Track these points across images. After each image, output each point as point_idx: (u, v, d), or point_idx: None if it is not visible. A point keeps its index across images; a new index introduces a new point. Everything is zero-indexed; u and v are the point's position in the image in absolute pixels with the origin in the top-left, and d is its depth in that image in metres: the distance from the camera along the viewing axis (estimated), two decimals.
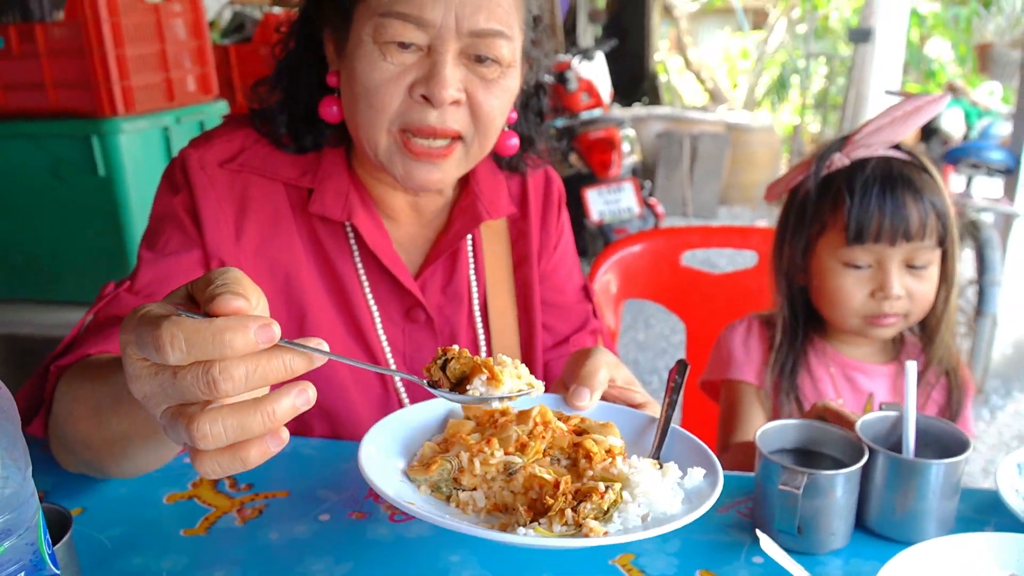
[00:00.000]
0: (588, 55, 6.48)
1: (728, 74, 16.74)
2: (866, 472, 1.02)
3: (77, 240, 2.58)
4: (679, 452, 0.96)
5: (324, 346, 0.69)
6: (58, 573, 0.71)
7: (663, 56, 15.73)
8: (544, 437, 0.93)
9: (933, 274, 1.47)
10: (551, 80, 1.47)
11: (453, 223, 1.38)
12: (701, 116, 10.25)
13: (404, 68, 1.15)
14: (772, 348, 1.58)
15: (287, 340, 0.67)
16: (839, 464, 1.03)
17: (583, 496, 0.83)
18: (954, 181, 5.31)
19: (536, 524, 0.82)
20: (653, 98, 14.01)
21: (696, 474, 0.90)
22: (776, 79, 13.92)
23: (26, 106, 2.49)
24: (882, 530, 1.04)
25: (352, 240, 1.32)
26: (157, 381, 0.67)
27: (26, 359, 2.47)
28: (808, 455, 1.08)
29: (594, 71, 6.52)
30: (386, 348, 1.34)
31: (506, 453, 0.90)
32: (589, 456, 0.91)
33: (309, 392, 0.68)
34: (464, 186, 1.40)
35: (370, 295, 1.33)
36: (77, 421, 0.98)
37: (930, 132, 7.14)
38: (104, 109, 2.42)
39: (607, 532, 0.80)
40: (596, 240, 6.00)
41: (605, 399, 1.09)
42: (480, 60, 1.17)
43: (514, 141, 1.35)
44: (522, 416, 0.96)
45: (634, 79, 13.75)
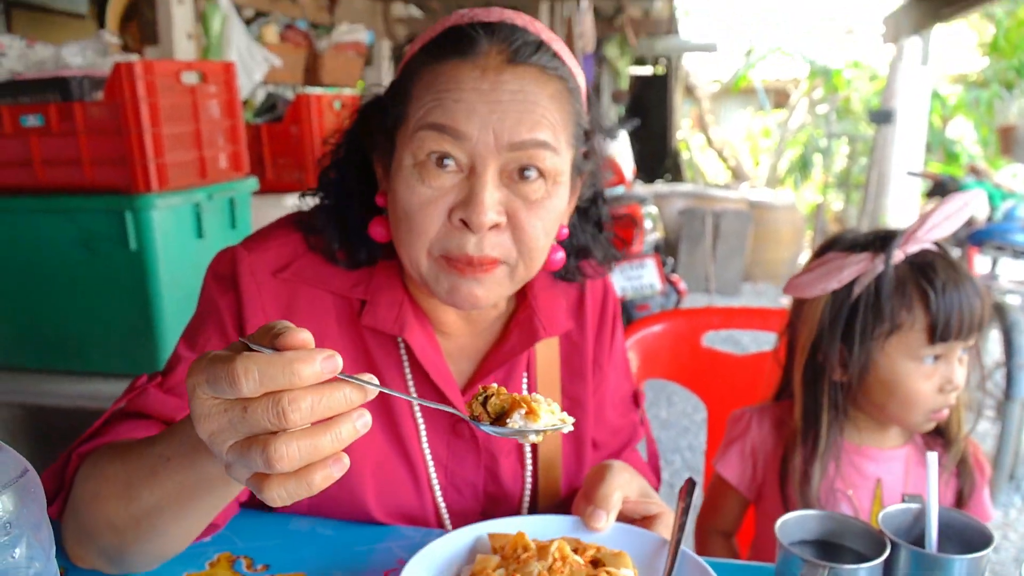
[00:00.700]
0: (611, 134, 6.57)
1: (750, 152, 16.92)
2: (888, 566, 1.00)
3: (106, 313, 2.61)
4: (687, 575, 1.05)
5: (375, 380, 0.74)
6: None
7: (685, 134, 15.94)
8: (563, 572, 1.01)
9: (966, 361, 1.50)
10: None
11: (508, 337, 1.34)
12: (724, 193, 10.32)
13: (443, 191, 1.12)
14: (781, 436, 1.58)
15: (344, 374, 0.73)
16: (861, 558, 1.02)
17: None
18: (979, 263, 5.29)
19: None
20: (675, 175, 14.16)
21: None
22: (798, 158, 14.04)
23: (62, 181, 2.55)
24: None
25: (403, 351, 1.30)
26: (227, 417, 0.72)
27: (51, 430, 2.50)
28: (829, 547, 1.07)
29: (617, 149, 6.60)
30: (429, 461, 1.31)
31: None
32: None
33: (366, 416, 0.74)
34: (521, 299, 1.37)
35: (417, 408, 1.31)
36: (105, 500, 0.98)
37: None
38: (139, 185, 2.47)
39: None
40: None
41: (623, 513, 1.18)
42: (524, 176, 1.13)
43: (559, 256, 1.31)
44: (542, 551, 1.05)
45: (657, 157, 13.93)
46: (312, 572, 1.15)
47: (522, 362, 1.37)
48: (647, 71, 14.73)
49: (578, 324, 1.44)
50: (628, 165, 6.79)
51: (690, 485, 1.20)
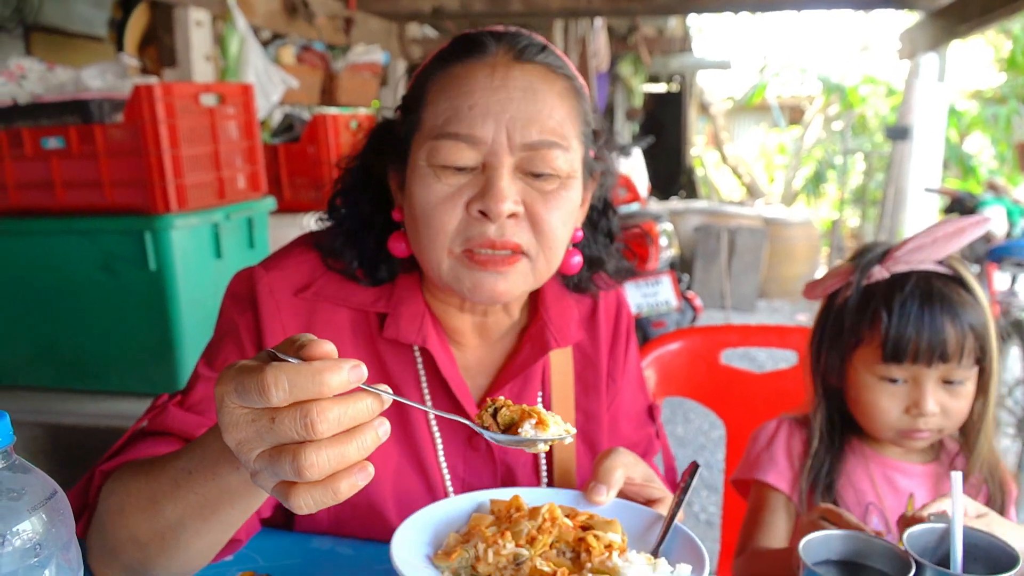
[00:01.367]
0: (625, 151, 6.57)
1: (765, 169, 16.90)
2: None
3: (125, 332, 2.63)
4: (677, 549, 1.08)
5: (389, 389, 0.77)
6: None
7: (700, 151, 15.95)
8: (551, 532, 1.05)
9: (969, 390, 1.45)
10: None
11: (521, 349, 1.35)
12: (739, 210, 10.31)
13: (459, 187, 1.16)
14: (807, 452, 1.56)
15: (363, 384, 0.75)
16: None
17: None
18: (998, 279, 5.25)
19: None
20: (690, 192, 14.16)
21: (684, 569, 1.01)
22: (813, 174, 14.02)
23: (83, 203, 2.58)
24: None
25: (420, 364, 1.31)
26: (254, 427, 0.74)
27: (71, 449, 2.50)
28: (853, 568, 1.06)
29: (631, 166, 6.61)
30: (446, 474, 1.32)
31: (517, 545, 1.03)
32: (589, 550, 1.02)
33: (386, 424, 0.76)
34: (533, 311, 1.39)
35: (434, 421, 1.32)
36: (129, 515, 0.99)
37: None
38: (158, 206, 2.50)
39: None
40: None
41: (625, 495, 1.20)
42: (536, 175, 1.17)
43: (577, 259, 1.33)
44: (533, 512, 1.09)
45: (671, 174, 13.94)
46: None
47: (536, 376, 1.38)
48: (661, 89, 14.77)
49: (591, 338, 1.45)
50: (643, 182, 6.79)
51: (694, 467, 1.23)
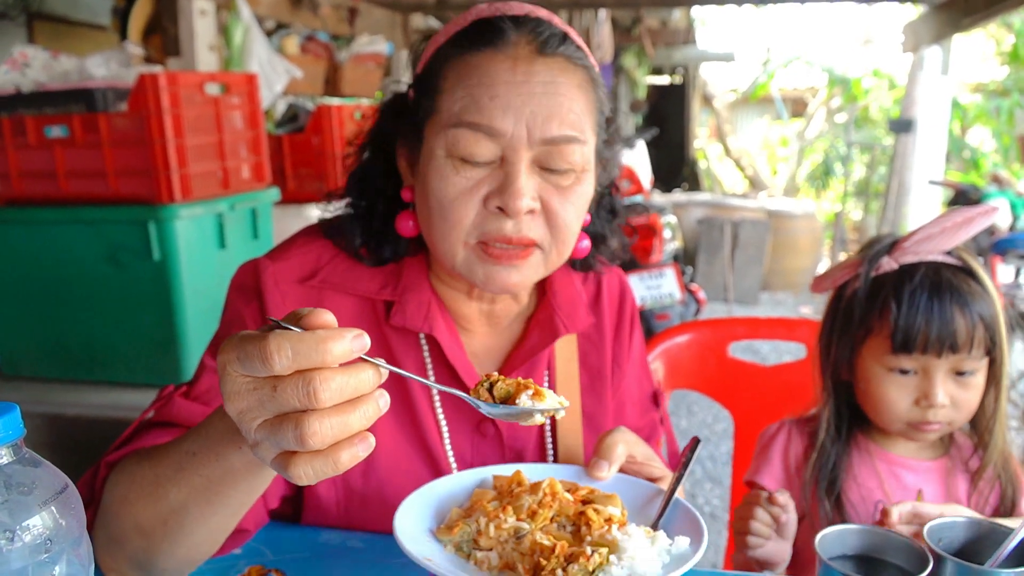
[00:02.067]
0: (629, 143, 6.56)
1: (768, 161, 16.87)
2: None
3: (129, 323, 2.62)
4: (676, 522, 1.08)
5: (385, 363, 0.76)
6: None
7: (703, 143, 15.92)
8: (551, 506, 1.06)
9: (979, 381, 1.44)
10: None
11: (530, 335, 1.35)
12: (742, 203, 10.30)
13: (477, 181, 1.15)
14: (808, 454, 1.56)
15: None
16: (903, 573, 1.00)
17: (573, 559, 0.96)
18: (1002, 272, 5.24)
19: None
20: (693, 185, 14.14)
21: (682, 541, 1.02)
22: (817, 167, 13.99)
23: (87, 193, 2.56)
24: None
25: (426, 352, 1.30)
26: (256, 396, 0.73)
27: (76, 440, 2.49)
28: (869, 562, 1.05)
29: (635, 158, 6.60)
30: (452, 462, 1.31)
31: (518, 519, 1.04)
32: (589, 524, 1.03)
33: (386, 396, 0.76)
34: (541, 296, 1.38)
35: (440, 408, 1.31)
36: (133, 502, 0.98)
37: None
38: (162, 196, 2.48)
39: None
40: None
41: (627, 473, 1.21)
42: (553, 171, 1.17)
43: (585, 244, 1.34)
44: (534, 487, 1.09)
45: (674, 166, 13.91)
46: None
47: (542, 361, 1.38)
48: (664, 81, 14.72)
49: (596, 323, 1.45)
50: (646, 174, 6.77)
51: (694, 442, 1.23)
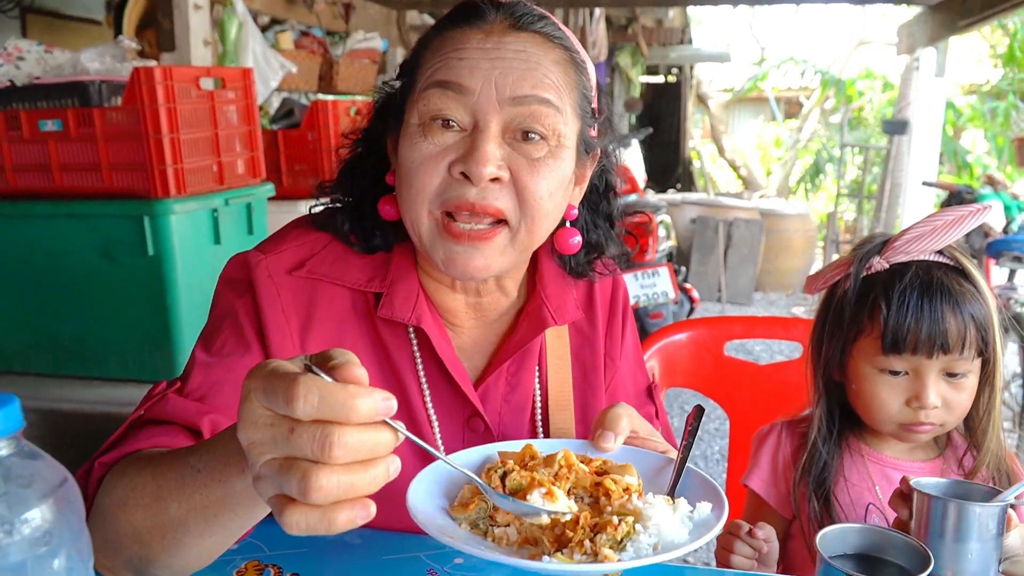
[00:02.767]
0: (624, 142, 6.56)
1: (761, 162, 16.89)
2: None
3: (123, 318, 2.60)
4: (692, 489, 1.07)
5: (403, 426, 0.74)
6: None
7: (697, 143, 15.93)
8: (568, 478, 1.05)
9: (971, 383, 1.44)
10: None
11: (518, 328, 1.34)
12: (735, 202, 10.32)
13: (445, 147, 1.14)
14: (799, 456, 1.56)
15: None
16: (903, 572, 0.99)
17: (600, 529, 0.95)
18: (996, 274, 5.26)
19: (559, 554, 0.93)
20: (687, 184, 14.15)
21: (704, 508, 1.01)
22: (810, 167, 14.01)
23: (81, 187, 2.55)
24: None
25: (415, 345, 1.29)
26: (271, 432, 0.72)
27: (69, 435, 2.48)
28: (870, 561, 1.05)
29: (629, 157, 6.60)
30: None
31: None
32: (608, 494, 1.02)
33: (397, 462, 0.74)
34: (531, 291, 1.37)
35: (430, 403, 1.30)
36: (132, 509, 0.97)
37: None
38: (157, 191, 2.47)
39: (620, 559, 0.91)
40: None
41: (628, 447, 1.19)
42: (526, 137, 1.14)
43: (576, 240, 1.31)
44: (548, 460, 1.07)
45: (668, 165, 13.93)
46: None
47: (533, 356, 1.37)
48: (659, 80, 14.72)
49: (588, 318, 1.44)
50: (640, 173, 6.78)
51: (698, 411, 1.23)
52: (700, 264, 9.21)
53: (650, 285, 5.91)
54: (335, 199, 1.33)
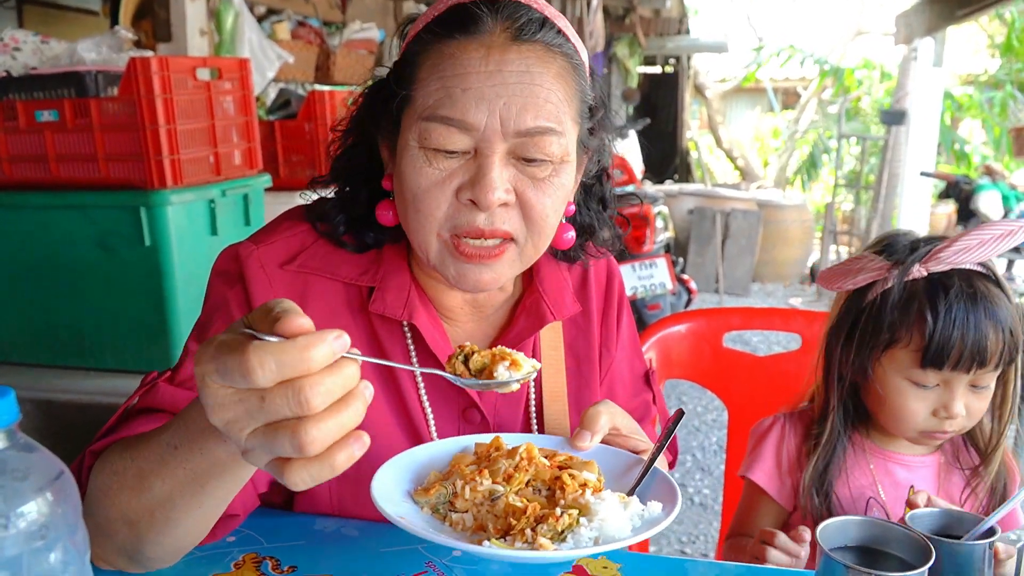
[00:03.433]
0: (621, 133, 6.56)
1: (759, 152, 16.88)
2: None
3: (119, 309, 2.60)
4: (653, 489, 1.09)
5: (358, 351, 0.75)
6: None
7: (694, 134, 15.91)
8: (527, 470, 1.08)
9: (991, 390, 1.43)
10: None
11: (516, 322, 1.34)
12: (733, 193, 10.31)
13: (450, 172, 1.13)
14: (802, 449, 1.55)
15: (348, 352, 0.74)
16: (903, 564, 0.99)
17: (543, 520, 0.99)
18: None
19: (496, 539, 0.98)
20: (684, 175, 14.13)
21: (655, 507, 1.04)
22: (807, 158, 14.00)
23: (77, 177, 2.54)
24: None
25: (409, 339, 1.29)
26: (243, 407, 0.71)
27: (65, 426, 2.48)
28: (871, 554, 1.04)
29: (627, 148, 6.59)
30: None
31: (494, 482, 1.05)
32: (563, 488, 1.05)
33: (370, 387, 0.75)
34: (527, 283, 1.37)
35: (425, 396, 1.30)
36: (117, 494, 0.97)
37: (968, 215, 7.11)
38: (153, 181, 2.46)
39: (557, 548, 0.96)
40: None
41: (611, 445, 1.21)
42: (529, 161, 1.14)
43: (570, 235, 1.31)
44: (511, 452, 1.11)
45: (666, 156, 13.90)
46: (338, 574, 1.13)
47: (528, 347, 1.36)
48: (657, 70, 14.69)
49: (583, 308, 1.43)
50: (638, 164, 6.77)
51: (679, 414, 1.25)
52: (697, 255, 9.21)
53: (647, 276, 5.91)
54: (331, 193, 1.33)
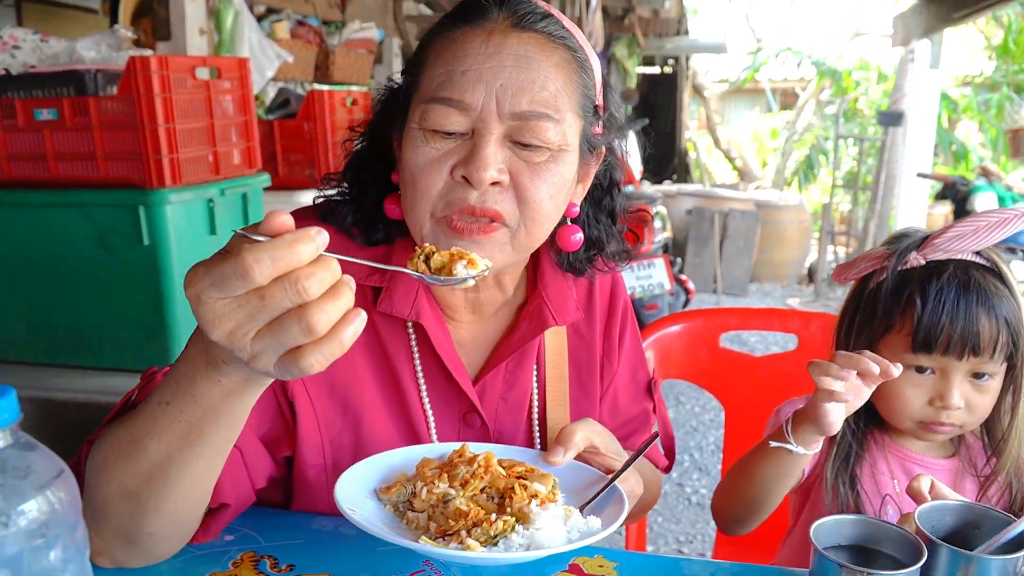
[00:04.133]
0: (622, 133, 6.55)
1: (757, 153, 16.89)
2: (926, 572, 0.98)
3: (118, 308, 2.60)
4: (605, 506, 1.15)
5: (324, 234, 0.78)
6: None
7: (693, 134, 15.92)
8: (483, 478, 1.14)
9: (995, 386, 1.43)
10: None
11: (519, 326, 1.34)
12: (731, 194, 10.32)
13: (447, 151, 1.15)
14: (833, 438, 1.55)
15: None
16: (897, 563, 1.00)
17: (479, 524, 1.05)
18: None
19: (426, 537, 1.05)
20: (682, 176, 14.14)
21: (594, 522, 1.09)
22: (805, 159, 14.01)
23: (76, 176, 2.54)
24: None
25: (413, 340, 1.30)
26: (244, 311, 0.76)
27: (63, 425, 2.48)
28: (864, 552, 1.05)
29: (628, 149, 6.59)
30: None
31: (451, 486, 1.12)
32: (512, 496, 1.10)
33: (354, 284, 0.81)
34: (531, 289, 1.37)
35: (427, 398, 1.31)
36: (113, 465, 0.99)
37: (965, 216, 7.12)
38: (152, 180, 2.46)
39: (486, 551, 1.02)
40: None
41: (588, 462, 1.25)
42: (526, 146, 1.15)
43: (578, 236, 1.31)
44: (471, 460, 1.17)
45: (664, 157, 13.91)
46: (337, 573, 1.14)
47: (531, 354, 1.37)
48: (655, 71, 14.70)
49: (587, 318, 1.44)
50: (636, 164, 6.77)
51: (652, 436, 1.30)
52: (696, 255, 9.21)
53: (646, 276, 5.91)
54: (339, 192, 1.33)
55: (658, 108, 13.91)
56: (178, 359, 0.93)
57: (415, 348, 1.30)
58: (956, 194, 6.18)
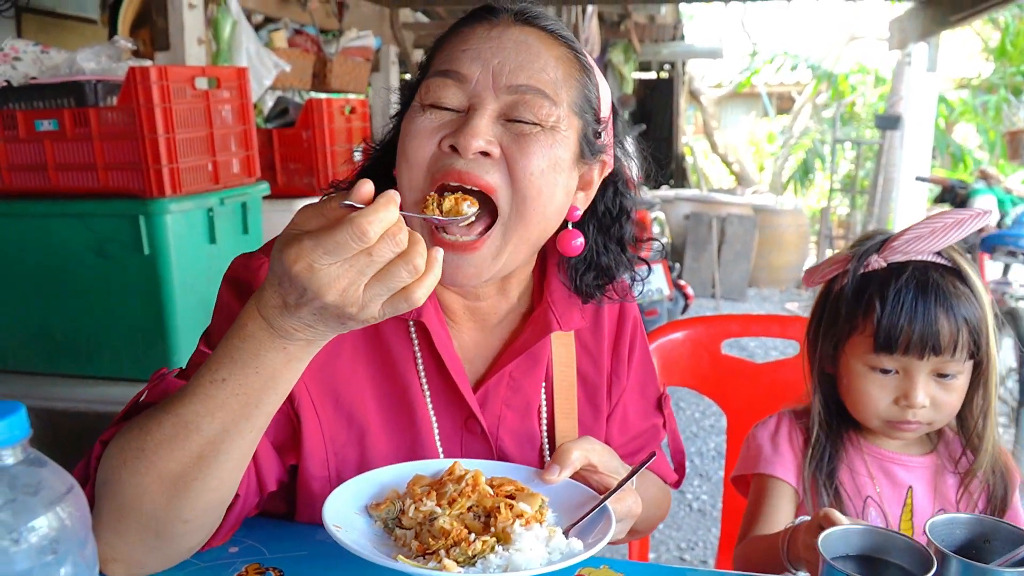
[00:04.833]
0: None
1: (754, 157, 16.91)
2: None
3: (117, 317, 2.60)
4: (594, 527, 1.13)
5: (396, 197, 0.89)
6: None
7: (689, 139, 15.94)
8: (470, 496, 1.13)
9: (962, 384, 1.45)
10: None
11: (523, 331, 1.34)
12: (728, 198, 10.32)
13: (440, 123, 1.16)
14: (808, 442, 1.56)
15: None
16: (905, 574, 1.00)
17: (458, 544, 1.05)
18: (990, 268, 5.27)
19: (402, 556, 1.04)
20: (680, 180, 14.16)
21: (576, 544, 1.08)
22: (802, 163, 14.04)
23: (76, 186, 2.54)
24: None
25: (416, 345, 1.30)
26: (355, 269, 0.87)
27: (63, 434, 2.47)
28: (872, 563, 1.05)
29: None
30: (441, 456, 1.31)
31: (438, 505, 1.11)
32: (496, 516, 1.10)
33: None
34: (537, 299, 1.37)
35: (430, 403, 1.30)
36: (153, 452, 0.98)
37: None
38: (152, 190, 2.46)
39: (462, 571, 1.01)
40: None
41: (585, 480, 1.24)
42: (519, 121, 1.15)
43: (578, 241, 1.29)
44: (459, 478, 1.17)
45: (661, 162, 13.94)
46: None
47: (541, 366, 1.36)
48: (652, 76, 14.73)
49: (595, 335, 1.43)
50: (633, 170, 6.78)
51: (648, 457, 1.27)
52: (694, 260, 9.22)
53: (644, 282, 5.91)
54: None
55: (655, 113, 13.95)
56: (224, 341, 0.97)
57: (418, 352, 1.29)
58: (955, 197, 6.18)
